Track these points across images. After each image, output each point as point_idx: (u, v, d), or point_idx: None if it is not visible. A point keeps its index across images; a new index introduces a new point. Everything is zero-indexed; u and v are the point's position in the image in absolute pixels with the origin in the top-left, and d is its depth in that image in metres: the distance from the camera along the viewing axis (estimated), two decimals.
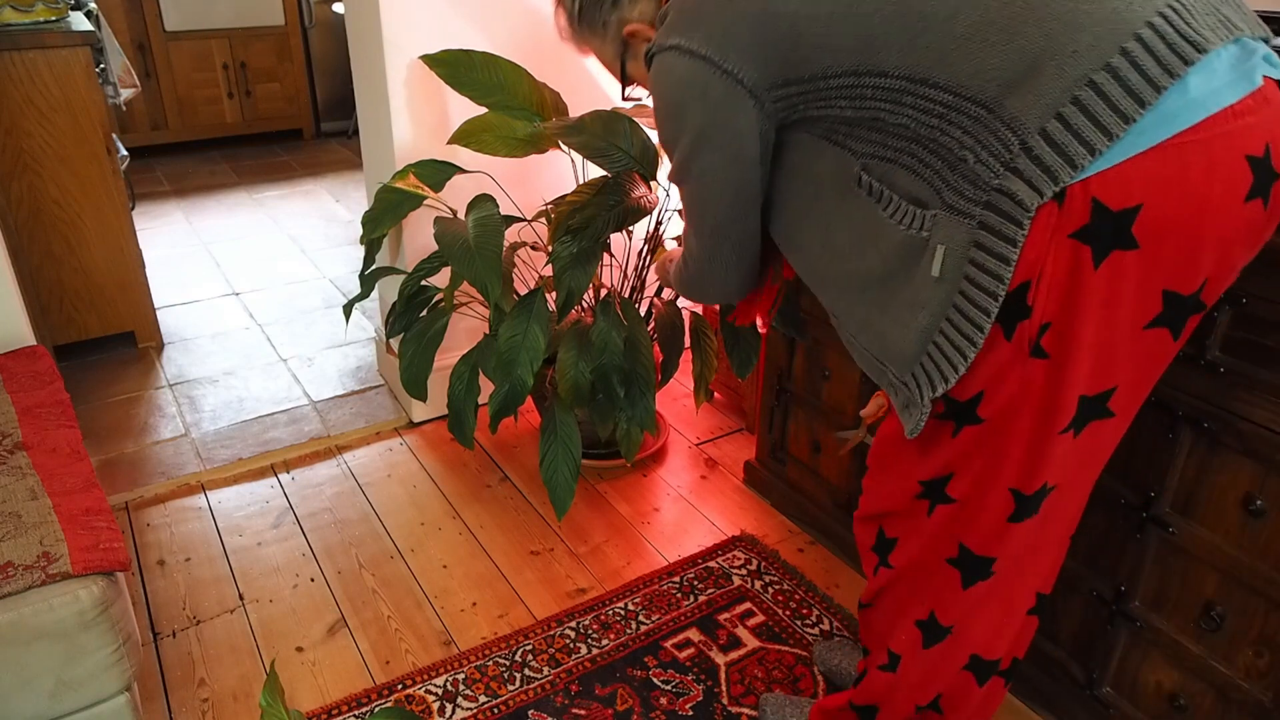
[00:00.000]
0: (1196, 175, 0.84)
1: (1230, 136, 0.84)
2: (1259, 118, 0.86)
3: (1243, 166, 0.85)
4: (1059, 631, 1.48)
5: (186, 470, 2.21)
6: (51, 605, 1.17)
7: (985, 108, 0.87)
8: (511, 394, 1.76)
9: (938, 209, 0.93)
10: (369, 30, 2.05)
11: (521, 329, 1.77)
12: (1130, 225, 0.85)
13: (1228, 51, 0.85)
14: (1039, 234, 0.86)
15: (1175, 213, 0.85)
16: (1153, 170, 0.83)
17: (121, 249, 2.64)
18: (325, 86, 5.09)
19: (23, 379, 1.66)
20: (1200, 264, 0.88)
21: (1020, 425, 0.97)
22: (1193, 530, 1.24)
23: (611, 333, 1.80)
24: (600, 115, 1.84)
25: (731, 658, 1.67)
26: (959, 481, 1.06)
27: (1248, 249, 0.92)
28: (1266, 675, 1.20)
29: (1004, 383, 0.95)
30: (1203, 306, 0.93)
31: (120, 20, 4.32)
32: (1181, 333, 0.93)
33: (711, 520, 2.07)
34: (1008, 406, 0.97)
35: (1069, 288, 0.88)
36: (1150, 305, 0.89)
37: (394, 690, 1.59)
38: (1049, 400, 0.94)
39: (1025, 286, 0.89)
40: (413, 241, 2.21)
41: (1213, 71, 0.84)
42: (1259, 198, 0.87)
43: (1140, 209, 0.84)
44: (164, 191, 4.27)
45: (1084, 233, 0.86)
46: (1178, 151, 0.83)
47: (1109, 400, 0.95)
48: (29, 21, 2.36)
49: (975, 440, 1.01)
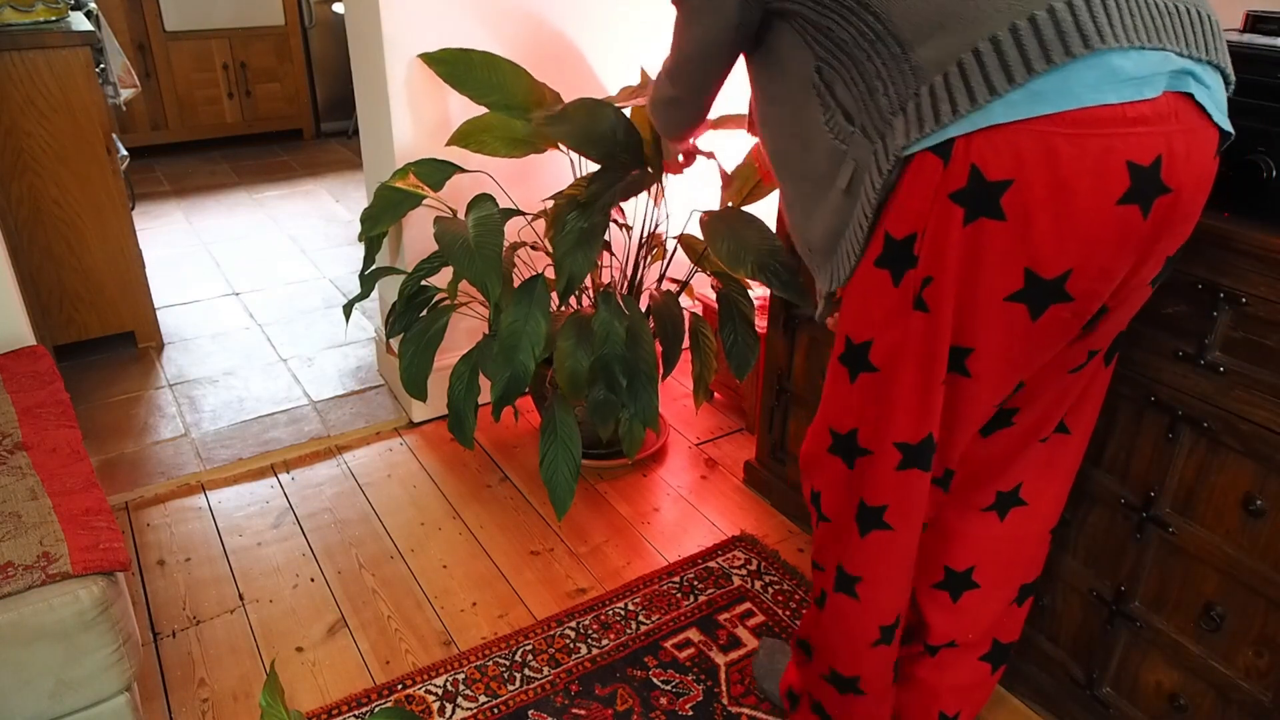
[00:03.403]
0: (1067, 166, 0.87)
1: (1112, 139, 0.87)
2: (1156, 129, 0.87)
3: (1120, 170, 0.87)
4: (1059, 631, 1.48)
5: (186, 470, 2.21)
6: (51, 605, 1.17)
7: (901, 46, 0.93)
8: (514, 380, 1.76)
9: (856, 127, 1.00)
10: (369, 30, 2.05)
11: (523, 314, 1.77)
12: (1000, 196, 0.90)
13: (1141, 57, 0.86)
14: (926, 189, 0.93)
15: (1042, 196, 0.89)
16: (1028, 151, 0.87)
17: (121, 249, 2.64)
18: (325, 86, 5.09)
19: (23, 379, 1.66)
20: (1063, 251, 0.92)
21: (906, 374, 1.05)
22: (1193, 530, 1.24)
23: (614, 322, 1.79)
24: (584, 103, 1.83)
25: (731, 658, 1.67)
26: (863, 434, 1.13)
27: (1120, 254, 0.93)
28: (1266, 675, 1.20)
29: (891, 329, 1.04)
30: (1067, 297, 0.95)
31: (120, 20, 4.32)
32: (1041, 315, 0.96)
33: (711, 520, 2.07)
34: (895, 354, 1.04)
35: (943, 244, 0.95)
36: (1012, 278, 0.94)
37: (394, 690, 1.59)
38: (929, 349, 1.02)
39: (913, 238, 0.97)
40: (413, 241, 2.21)
41: (1107, 69, 0.85)
42: (1135, 204, 0.89)
43: (1011, 184, 0.89)
44: (164, 191, 4.27)
45: (960, 195, 0.92)
46: (1054, 140, 0.87)
47: (966, 359, 1.02)
48: (29, 21, 2.36)
49: (871, 387, 1.09)
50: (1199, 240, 1.13)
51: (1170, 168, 0.89)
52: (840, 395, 1.14)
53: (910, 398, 1.05)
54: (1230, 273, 1.12)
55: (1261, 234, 1.07)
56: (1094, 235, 0.91)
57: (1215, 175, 0.97)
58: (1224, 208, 1.13)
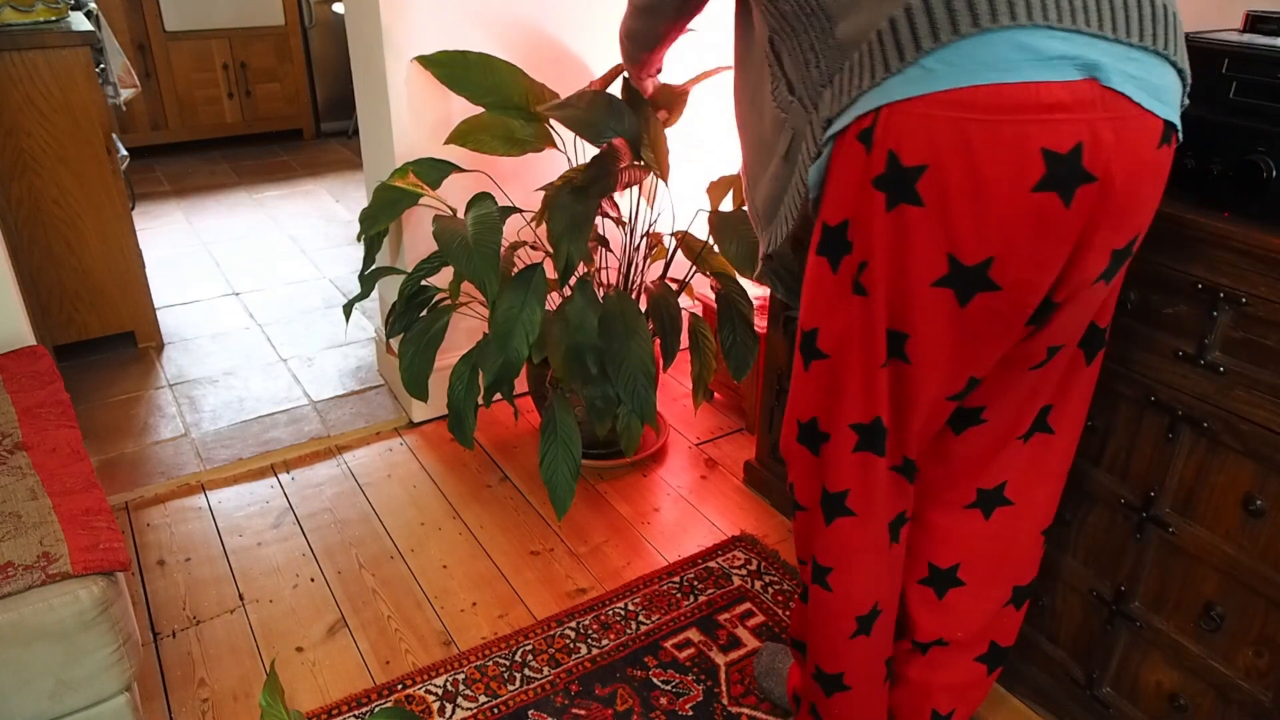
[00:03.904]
0: (980, 152, 0.88)
1: (1026, 125, 0.86)
2: (1077, 116, 0.86)
3: (1034, 157, 0.87)
4: (1059, 631, 1.48)
5: (186, 470, 2.21)
6: (51, 605, 1.17)
7: (829, 21, 0.97)
8: (506, 366, 1.76)
9: (796, 98, 1.04)
10: (369, 30, 2.05)
11: (519, 301, 1.77)
12: (915, 182, 0.91)
13: (1055, 37, 0.85)
14: (852, 176, 0.96)
15: (956, 181, 0.90)
16: (942, 137, 0.88)
17: (121, 249, 2.64)
18: (325, 86, 5.09)
19: (23, 379, 1.66)
20: (981, 237, 0.92)
21: (852, 358, 1.07)
22: (1193, 530, 1.24)
23: (586, 310, 1.80)
24: (587, 94, 1.87)
25: (731, 658, 1.67)
26: (822, 421, 1.15)
27: (1045, 243, 0.93)
28: (1266, 675, 1.20)
29: (835, 315, 1.07)
30: (993, 286, 0.95)
31: (120, 20, 4.32)
32: (968, 302, 0.97)
33: (711, 520, 2.07)
34: (841, 339, 1.07)
35: (870, 229, 0.97)
36: (936, 264, 0.96)
37: (394, 690, 1.59)
38: (869, 334, 1.04)
39: (846, 224, 1.00)
40: (413, 241, 2.21)
41: (1017, 45, 0.85)
42: (1053, 192, 0.89)
43: (926, 169, 0.90)
44: (164, 191, 4.27)
45: (880, 180, 0.94)
46: (967, 125, 0.87)
47: (905, 345, 1.03)
48: (29, 21, 2.36)
49: (823, 374, 1.12)
50: (1199, 240, 1.13)
51: (1094, 156, 0.87)
52: (799, 384, 1.17)
53: (855, 381, 1.08)
54: (1230, 273, 1.12)
55: (1261, 234, 1.07)
56: (1011, 222, 0.91)
57: (1167, 166, 0.95)
58: (1224, 208, 1.13)
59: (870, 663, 1.28)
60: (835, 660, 1.27)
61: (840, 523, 1.18)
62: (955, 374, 1.06)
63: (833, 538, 1.20)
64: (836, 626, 1.24)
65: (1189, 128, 1.10)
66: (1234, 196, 1.11)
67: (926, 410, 1.10)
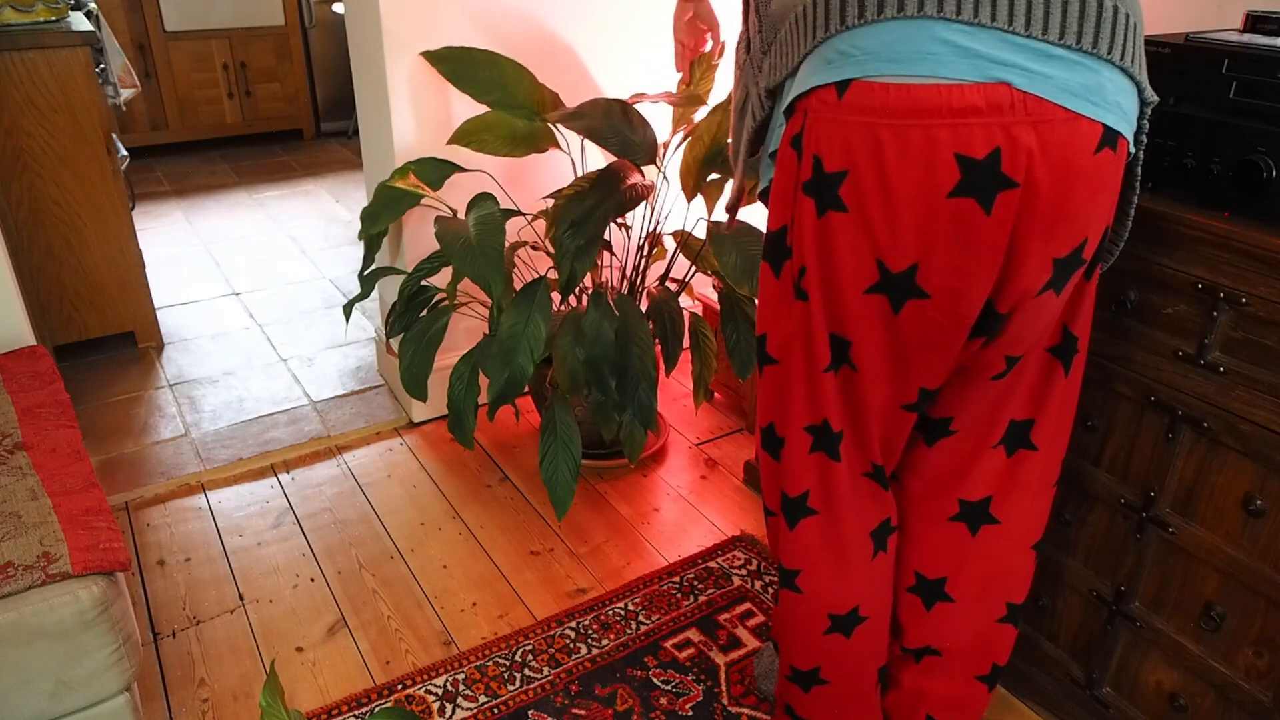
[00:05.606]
0: (891, 158, 0.87)
1: (936, 129, 0.84)
2: (991, 120, 0.83)
3: (947, 162, 0.85)
4: (1059, 631, 1.48)
5: (186, 470, 2.21)
6: (51, 605, 1.17)
7: None
8: (511, 381, 1.76)
9: (749, 57, 1.07)
10: (369, 30, 2.05)
11: (523, 317, 1.78)
12: (838, 188, 0.92)
13: (970, 33, 0.82)
14: (788, 181, 0.98)
15: (872, 187, 0.90)
16: (857, 142, 0.88)
17: (121, 249, 2.64)
18: (325, 86, 5.09)
19: (23, 379, 1.66)
20: (901, 243, 0.91)
21: (795, 363, 1.08)
22: (1192, 530, 1.24)
23: (603, 323, 1.80)
24: (599, 103, 1.88)
25: (731, 658, 1.67)
26: (778, 425, 1.15)
27: (969, 250, 0.90)
28: (1266, 675, 1.20)
29: (780, 321, 1.08)
30: (921, 293, 0.94)
31: (120, 20, 4.32)
32: (900, 309, 0.96)
33: (711, 520, 2.07)
34: (787, 343, 1.08)
35: (804, 234, 0.98)
36: (867, 270, 0.96)
37: (394, 690, 1.59)
38: (810, 337, 1.05)
39: (784, 230, 1.02)
40: (413, 241, 2.21)
41: (930, 36, 0.83)
42: (971, 198, 0.86)
43: (846, 175, 0.90)
44: (164, 191, 4.27)
45: (808, 186, 0.95)
46: (879, 131, 0.87)
47: (849, 351, 1.04)
48: (29, 21, 2.36)
49: (775, 378, 1.13)
50: (1199, 240, 1.13)
51: (1013, 161, 0.84)
52: (759, 390, 1.18)
53: (800, 385, 1.09)
54: (1230, 273, 1.12)
55: (1261, 234, 1.07)
56: (928, 228, 0.89)
57: (1111, 172, 0.90)
58: (1224, 208, 1.13)
59: (850, 662, 1.25)
60: (808, 657, 1.26)
61: (804, 524, 1.18)
62: (902, 382, 1.05)
63: (797, 541, 1.19)
64: (808, 625, 1.23)
65: (1189, 128, 1.10)
66: (1234, 196, 1.11)
67: (881, 417, 1.09)
